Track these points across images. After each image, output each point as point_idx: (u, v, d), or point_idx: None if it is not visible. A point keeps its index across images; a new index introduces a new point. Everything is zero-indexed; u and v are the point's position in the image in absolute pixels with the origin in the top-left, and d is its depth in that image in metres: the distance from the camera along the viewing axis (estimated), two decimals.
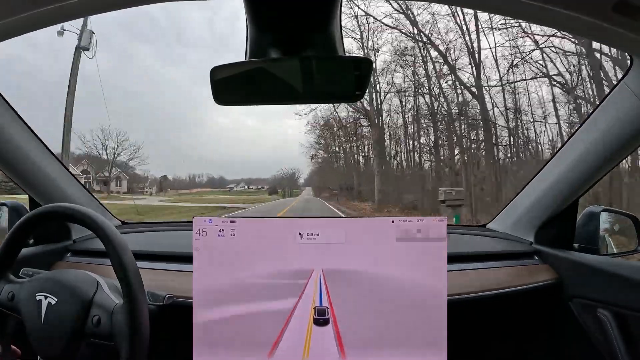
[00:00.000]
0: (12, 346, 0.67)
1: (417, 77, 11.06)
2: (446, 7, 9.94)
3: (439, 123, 11.03)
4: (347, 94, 0.64)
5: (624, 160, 0.84)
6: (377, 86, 11.86)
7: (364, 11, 11.07)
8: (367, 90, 0.60)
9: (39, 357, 0.69)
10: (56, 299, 0.60)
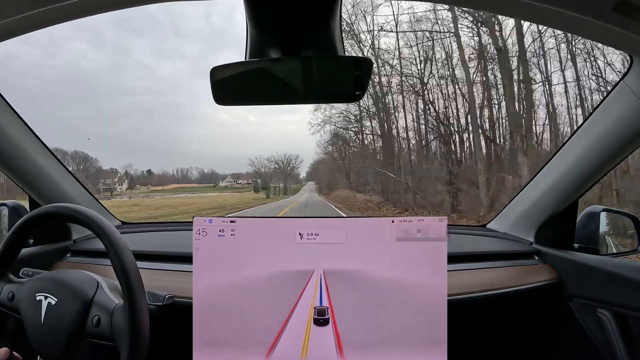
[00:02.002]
0: (14, 352, 0.67)
1: None
2: None
3: None
4: (347, 94, 0.64)
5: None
6: None
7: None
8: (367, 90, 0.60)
9: (38, 357, 0.69)
10: (56, 299, 0.60)
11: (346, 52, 0.61)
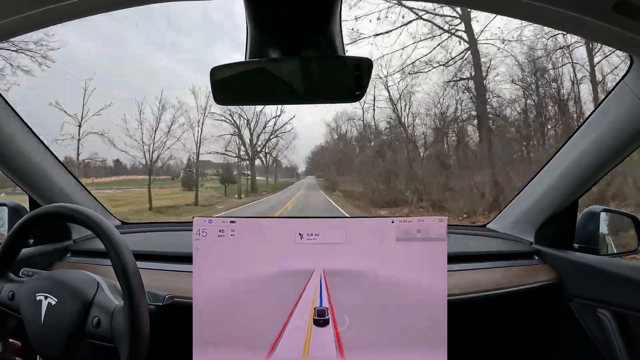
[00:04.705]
0: (11, 340, 0.67)
1: None
2: None
3: None
4: (347, 94, 0.64)
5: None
6: None
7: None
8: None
9: (38, 357, 0.69)
10: (56, 299, 0.60)
11: (346, 52, 0.61)
